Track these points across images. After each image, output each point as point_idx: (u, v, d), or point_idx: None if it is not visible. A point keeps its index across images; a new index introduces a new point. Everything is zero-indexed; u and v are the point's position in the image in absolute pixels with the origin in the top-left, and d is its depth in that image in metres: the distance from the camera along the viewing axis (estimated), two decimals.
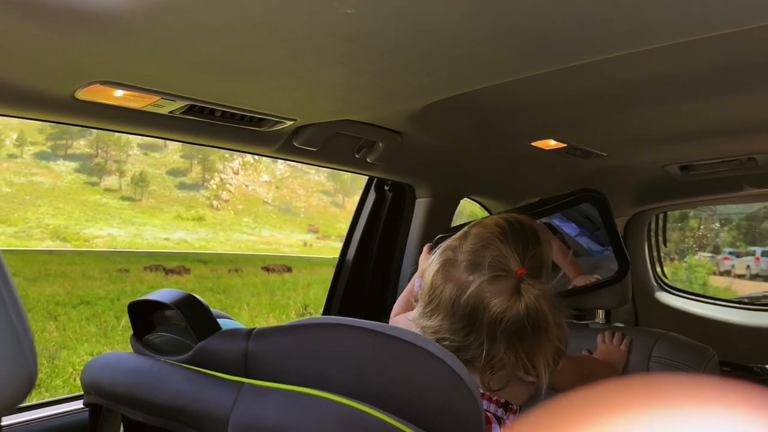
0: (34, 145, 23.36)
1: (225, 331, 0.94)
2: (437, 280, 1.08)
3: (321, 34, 0.89)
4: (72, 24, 0.85)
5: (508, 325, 1.00)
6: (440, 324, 1.05)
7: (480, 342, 1.02)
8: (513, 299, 1.01)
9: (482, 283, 1.02)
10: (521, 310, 1.00)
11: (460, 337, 1.03)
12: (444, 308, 1.06)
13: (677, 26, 0.91)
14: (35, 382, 0.46)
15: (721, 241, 9.96)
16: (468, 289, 1.03)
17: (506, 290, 1.01)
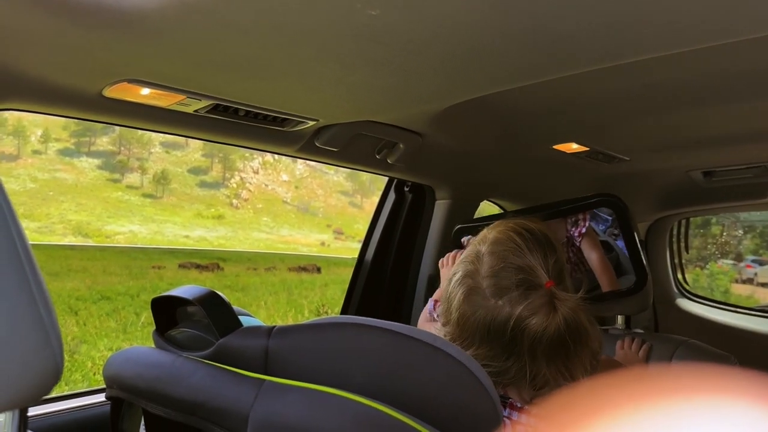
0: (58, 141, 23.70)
1: (246, 329, 0.94)
2: (466, 311, 1.03)
3: (346, 35, 0.90)
4: (102, 22, 0.87)
5: (549, 342, 0.97)
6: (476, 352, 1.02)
7: (522, 363, 0.99)
8: (550, 316, 0.97)
9: (514, 305, 0.98)
10: (561, 325, 0.97)
11: (500, 361, 1.00)
12: (479, 336, 1.02)
13: (703, 31, 0.90)
14: (61, 374, 0.47)
15: (743, 249, 9.82)
16: (501, 314, 0.99)
17: (541, 307, 0.98)
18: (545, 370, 0.98)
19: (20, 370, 0.42)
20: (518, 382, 1.01)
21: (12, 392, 0.42)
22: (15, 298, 0.41)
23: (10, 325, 0.41)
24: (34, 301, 0.43)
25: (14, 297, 0.41)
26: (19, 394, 0.43)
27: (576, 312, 0.98)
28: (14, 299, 0.41)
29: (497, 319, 0.98)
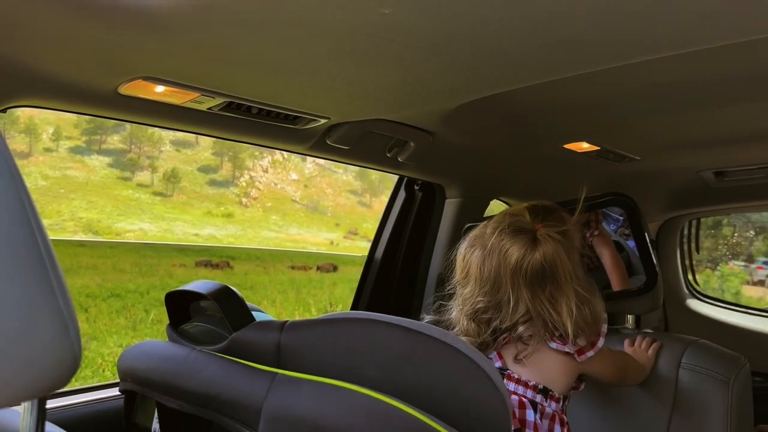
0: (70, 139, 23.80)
1: (258, 323, 0.96)
2: (467, 253, 1.20)
3: (359, 33, 0.91)
4: (119, 20, 0.88)
5: (528, 272, 1.11)
6: (472, 289, 1.18)
7: (507, 297, 1.13)
8: (530, 247, 1.12)
9: (503, 241, 1.15)
10: (539, 257, 1.11)
11: (489, 296, 1.15)
12: (473, 275, 1.18)
13: (715, 30, 0.90)
14: (79, 365, 0.47)
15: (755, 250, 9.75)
16: (491, 250, 1.15)
17: (524, 242, 1.13)
18: (529, 303, 1.12)
19: (39, 361, 0.43)
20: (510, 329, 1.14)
21: (31, 382, 0.43)
22: (35, 289, 0.42)
23: (30, 316, 0.41)
24: (54, 293, 0.43)
25: (34, 288, 0.42)
26: (38, 384, 0.44)
27: (557, 249, 1.11)
28: (34, 291, 0.42)
29: (488, 255, 1.15)
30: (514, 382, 1.18)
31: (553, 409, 1.18)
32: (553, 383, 1.18)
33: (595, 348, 1.19)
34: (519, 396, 1.15)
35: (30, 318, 0.41)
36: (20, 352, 0.41)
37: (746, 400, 1.46)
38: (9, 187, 0.42)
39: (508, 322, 1.15)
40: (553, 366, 1.18)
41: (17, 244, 0.41)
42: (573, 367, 1.19)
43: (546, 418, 1.16)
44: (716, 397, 1.43)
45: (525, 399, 1.15)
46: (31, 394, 0.45)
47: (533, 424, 1.14)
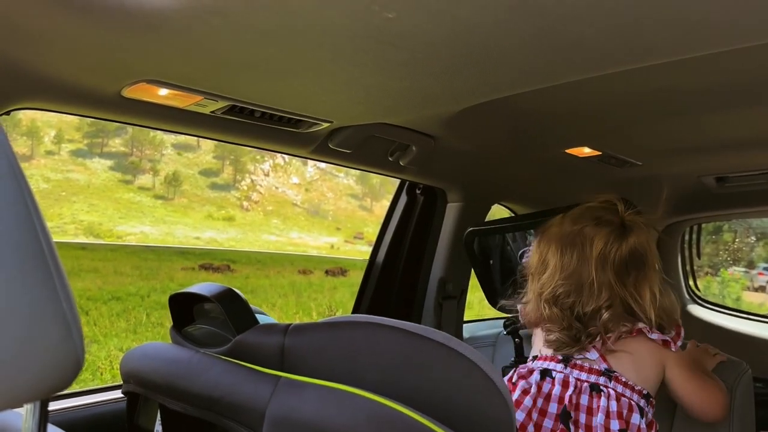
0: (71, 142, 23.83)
1: (262, 326, 0.95)
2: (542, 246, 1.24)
3: (362, 37, 0.91)
4: (122, 23, 0.88)
5: (617, 257, 1.14)
6: (551, 274, 1.21)
7: (590, 280, 1.17)
8: (619, 234, 1.15)
9: (586, 228, 1.18)
10: (632, 243, 1.15)
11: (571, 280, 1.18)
12: (552, 262, 1.21)
13: (718, 35, 0.90)
14: (82, 366, 0.48)
15: (756, 256, 9.74)
16: (574, 236, 1.19)
17: (612, 228, 1.16)
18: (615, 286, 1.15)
19: (43, 363, 0.43)
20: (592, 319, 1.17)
21: (34, 384, 0.43)
22: (38, 292, 0.42)
23: (34, 318, 0.41)
24: (57, 296, 0.43)
25: (38, 291, 0.42)
26: (41, 386, 0.44)
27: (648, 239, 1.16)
28: (38, 293, 0.42)
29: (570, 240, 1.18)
30: (622, 384, 1.20)
31: (652, 416, 1.22)
32: (649, 382, 1.22)
33: (681, 339, 1.23)
34: (627, 399, 1.19)
35: (34, 320, 0.41)
36: (24, 354, 0.41)
37: (748, 405, 1.45)
38: (13, 189, 0.42)
39: (591, 305, 1.18)
40: (649, 359, 1.22)
41: (21, 247, 0.41)
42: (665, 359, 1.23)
43: (646, 424, 1.19)
44: None
45: (633, 402, 1.18)
46: (34, 396, 0.44)
47: (636, 428, 1.17)
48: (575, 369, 1.22)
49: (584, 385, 1.20)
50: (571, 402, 1.19)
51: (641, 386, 1.20)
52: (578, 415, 1.18)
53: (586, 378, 1.21)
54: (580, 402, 1.19)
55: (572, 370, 1.22)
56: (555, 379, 1.22)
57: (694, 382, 1.26)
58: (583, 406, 1.18)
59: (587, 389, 1.19)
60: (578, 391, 1.20)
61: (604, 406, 1.17)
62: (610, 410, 1.17)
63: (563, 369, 1.23)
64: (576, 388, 1.20)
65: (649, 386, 1.21)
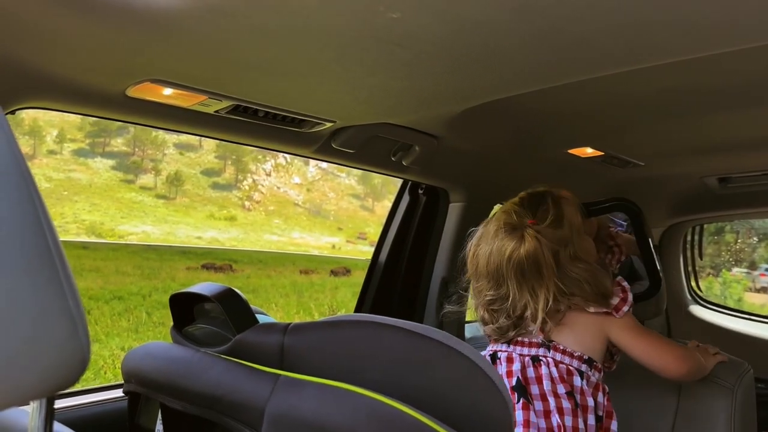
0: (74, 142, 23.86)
1: (262, 325, 0.96)
2: (476, 250, 1.34)
3: (366, 37, 0.91)
4: (127, 23, 0.89)
5: (514, 265, 1.25)
6: (482, 283, 1.32)
7: (507, 289, 1.27)
8: (517, 243, 1.25)
9: (503, 238, 1.28)
10: (522, 252, 1.24)
11: (495, 289, 1.29)
12: (481, 269, 1.31)
13: (720, 37, 0.90)
14: (88, 364, 0.48)
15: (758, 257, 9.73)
16: (493, 246, 1.29)
17: (514, 237, 1.26)
18: (519, 292, 1.26)
19: (49, 360, 0.43)
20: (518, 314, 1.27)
21: (41, 381, 0.43)
22: (45, 289, 0.42)
23: (41, 316, 0.42)
24: (63, 293, 0.43)
25: (44, 289, 0.42)
26: (47, 384, 0.44)
27: (539, 244, 1.24)
28: (44, 291, 0.42)
29: (491, 251, 1.29)
30: (560, 352, 1.28)
31: (597, 379, 1.30)
32: (593, 349, 1.30)
33: (628, 303, 1.30)
34: (566, 365, 1.27)
35: (40, 318, 0.42)
36: (30, 352, 0.41)
37: (750, 406, 1.46)
38: (20, 187, 0.42)
39: (517, 311, 1.27)
40: (590, 329, 1.30)
41: (29, 245, 0.41)
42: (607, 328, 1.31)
43: (591, 386, 1.28)
44: (720, 404, 1.43)
45: (572, 368, 1.27)
46: (41, 393, 0.45)
47: (580, 389, 1.26)
48: (517, 345, 1.32)
49: (526, 359, 1.29)
50: (524, 377, 1.28)
51: (580, 352, 1.28)
52: (530, 387, 1.27)
53: (528, 352, 1.30)
54: (527, 375, 1.28)
55: (514, 347, 1.32)
56: (501, 358, 1.32)
57: (643, 340, 1.32)
58: (531, 378, 1.27)
59: (530, 362, 1.29)
60: (523, 365, 1.29)
61: (547, 374, 1.26)
62: (552, 376, 1.26)
63: (507, 348, 1.33)
64: (521, 363, 1.29)
65: (591, 352, 1.29)
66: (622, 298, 1.30)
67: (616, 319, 1.29)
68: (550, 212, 1.30)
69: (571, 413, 1.23)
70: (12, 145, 0.43)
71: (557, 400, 1.24)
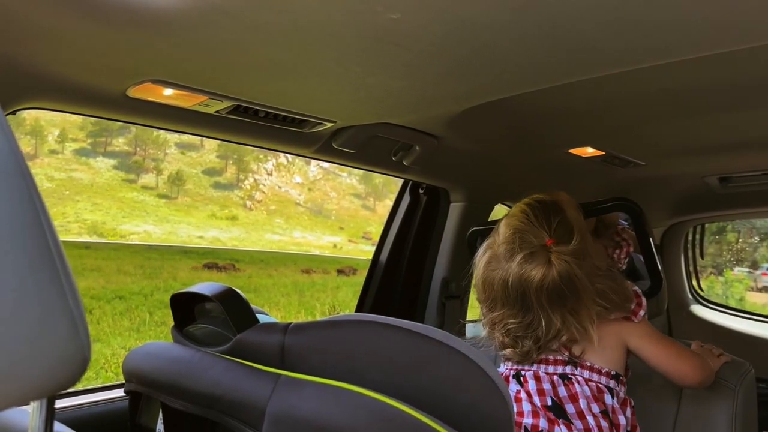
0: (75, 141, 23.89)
1: (263, 325, 0.96)
2: (488, 276, 1.24)
3: (367, 38, 0.91)
4: (128, 23, 0.89)
5: (549, 292, 1.17)
6: (501, 312, 1.24)
7: (538, 316, 1.20)
8: (546, 268, 1.17)
9: (521, 263, 1.19)
10: (555, 277, 1.16)
11: (520, 318, 1.21)
12: (500, 297, 1.23)
13: (720, 37, 0.90)
14: (88, 364, 0.48)
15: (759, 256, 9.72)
16: (511, 273, 1.20)
17: (540, 264, 1.18)
18: (554, 318, 1.18)
19: (50, 360, 0.43)
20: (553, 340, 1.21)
21: (41, 381, 0.43)
22: (46, 290, 0.42)
23: (42, 316, 0.42)
24: (64, 294, 0.43)
25: (45, 289, 0.42)
26: (48, 384, 0.44)
27: (570, 265, 1.17)
28: (45, 291, 0.42)
29: (509, 278, 1.20)
30: (588, 370, 1.24)
31: (624, 394, 1.26)
32: (616, 362, 1.25)
33: (643, 306, 1.26)
34: (595, 383, 1.23)
35: (41, 318, 0.42)
36: (31, 352, 0.41)
37: (751, 406, 1.45)
38: (21, 187, 0.42)
39: (550, 335, 1.20)
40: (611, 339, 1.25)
41: (29, 245, 0.41)
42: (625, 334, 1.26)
43: (620, 403, 1.24)
44: (721, 404, 1.43)
45: (601, 385, 1.22)
46: (41, 393, 0.45)
47: (612, 408, 1.22)
48: (542, 364, 1.26)
49: (555, 378, 1.24)
50: (557, 396, 1.23)
51: (608, 368, 1.23)
52: (566, 407, 1.22)
53: (554, 370, 1.25)
54: (560, 394, 1.23)
55: (539, 365, 1.26)
56: (526, 376, 1.27)
57: (663, 348, 1.29)
58: (565, 397, 1.22)
59: (559, 381, 1.24)
60: (553, 384, 1.24)
61: (581, 392, 1.22)
62: (586, 395, 1.22)
63: (531, 367, 1.27)
64: (550, 382, 1.24)
65: (616, 366, 1.25)
66: (637, 303, 1.26)
67: (634, 325, 1.26)
68: (563, 225, 1.23)
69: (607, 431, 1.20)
70: (12, 145, 0.43)
71: (595, 419, 1.19)
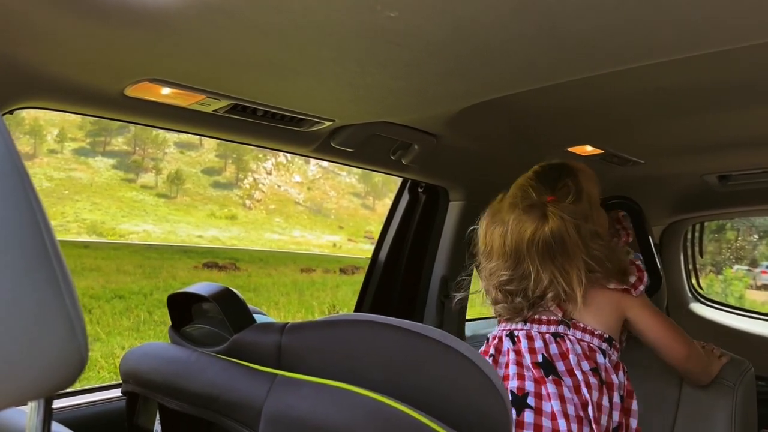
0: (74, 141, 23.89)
1: (260, 324, 0.96)
2: (489, 229, 1.29)
3: (364, 36, 0.91)
4: (125, 22, 0.89)
5: (539, 246, 1.20)
6: (497, 263, 1.27)
7: (528, 270, 1.22)
8: (540, 222, 1.20)
9: (518, 215, 1.23)
10: (547, 234, 1.19)
11: (512, 270, 1.25)
12: (497, 249, 1.27)
13: (719, 35, 0.90)
14: (86, 365, 0.48)
15: (759, 254, 9.73)
16: (509, 225, 1.24)
17: (536, 216, 1.21)
18: (543, 273, 1.21)
19: (47, 361, 0.43)
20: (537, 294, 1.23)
21: (39, 382, 0.43)
22: (42, 290, 0.42)
23: (39, 316, 0.42)
24: (61, 294, 0.43)
25: (42, 289, 0.42)
26: (45, 384, 0.44)
27: (564, 223, 1.19)
28: (42, 292, 0.42)
29: (507, 230, 1.24)
30: (581, 330, 1.26)
31: (617, 358, 1.27)
32: (611, 327, 1.27)
33: (644, 282, 1.28)
34: (587, 343, 1.25)
35: (38, 318, 0.42)
36: (28, 352, 0.41)
37: (750, 404, 1.45)
38: (17, 187, 0.42)
39: (537, 292, 1.23)
40: (608, 306, 1.27)
41: (25, 246, 0.41)
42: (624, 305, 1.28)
43: (612, 365, 1.25)
44: (720, 401, 1.43)
45: (593, 346, 1.24)
46: (38, 393, 0.45)
47: (604, 366, 1.23)
48: (534, 324, 1.28)
49: (547, 336, 1.26)
50: (548, 353, 1.24)
51: (601, 330, 1.25)
52: (557, 364, 1.23)
53: (547, 330, 1.27)
54: (551, 351, 1.24)
55: (532, 325, 1.28)
56: (519, 336, 1.28)
57: (658, 321, 1.31)
58: (555, 354, 1.24)
59: (551, 339, 1.25)
60: (545, 342, 1.25)
61: (572, 349, 1.23)
62: (577, 352, 1.23)
63: (524, 326, 1.29)
64: (542, 340, 1.26)
65: (610, 331, 1.26)
66: (638, 277, 1.28)
67: (633, 298, 1.28)
68: (568, 187, 1.26)
69: (597, 389, 1.21)
70: (9, 145, 0.43)
71: (584, 376, 1.21)
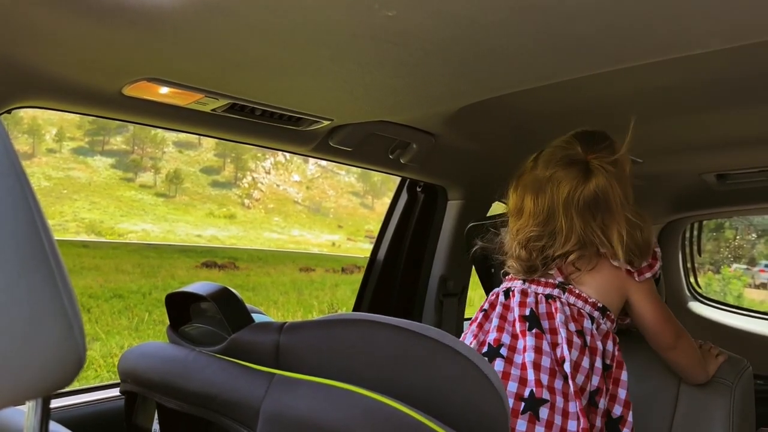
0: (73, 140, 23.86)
1: (258, 324, 0.96)
2: (518, 191, 1.27)
3: (362, 36, 0.91)
4: (123, 21, 0.89)
5: (581, 202, 1.18)
6: (526, 220, 1.25)
7: (560, 226, 1.20)
8: (582, 178, 1.18)
9: (556, 173, 1.21)
10: (592, 188, 1.17)
11: (543, 226, 1.23)
12: (527, 207, 1.25)
13: (718, 33, 0.90)
14: (84, 364, 0.48)
15: (757, 253, 9.73)
16: (545, 182, 1.22)
17: (576, 173, 1.19)
18: (575, 230, 1.19)
19: (44, 360, 0.43)
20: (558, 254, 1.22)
21: (36, 381, 0.43)
22: (41, 289, 0.42)
23: (36, 316, 0.42)
24: (59, 293, 0.43)
25: (40, 288, 0.42)
26: (43, 384, 0.44)
27: (610, 179, 1.17)
28: (40, 291, 0.42)
29: (541, 187, 1.22)
30: (575, 296, 1.25)
31: (608, 328, 1.26)
32: (609, 300, 1.26)
33: (653, 270, 1.26)
34: (578, 308, 1.24)
35: (35, 318, 0.42)
36: (26, 352, 0.41)
37: (748, 403, 1.46)
38: (14, 186, 0.42)
39: (561, 250, 1.22)
40: (611, 282, 1.26)
41: (23, 244, 0.41)
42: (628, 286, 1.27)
43: (600, 333, 1.24)
44: (718, 400, 1.43)
45: (583, 312, 1.23)
46: (36, 393, 0.45)
47: (590, 331, 1.22)
48: (533, 284, 1.28)
49: (540, 296, 1.26)
50: (536, 310, 1.25)
51: (595, 299, 1.24)
52: (543, 322, 1.23)
53: (542, 291, 1.27)
54: (539, 310, 1.24)
55: (530, 284, 1.29)
56: (514, 290, 1.29)
57: (657, 307, 1.29)
58: (543, 314, 1.24)
59: (543, 299, 1.26)
60: (537, 301, 1.26)
61: (560, 309, 1.23)
62: (565, 314, 1.23)
63: (522, 284, 1.29)
64: (534, 298, 1.26)
65: (607, 302, 1.26)
66: (649, 264, 1.26)
67: (637, 283, 1.26)
68: (609, 149, 1.24)
69: (578, 349, 1.20)
70: (7, 145, 0.43)
71: (569, 334, 1.20)
